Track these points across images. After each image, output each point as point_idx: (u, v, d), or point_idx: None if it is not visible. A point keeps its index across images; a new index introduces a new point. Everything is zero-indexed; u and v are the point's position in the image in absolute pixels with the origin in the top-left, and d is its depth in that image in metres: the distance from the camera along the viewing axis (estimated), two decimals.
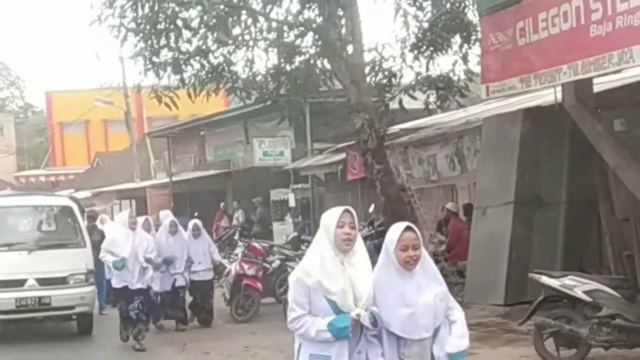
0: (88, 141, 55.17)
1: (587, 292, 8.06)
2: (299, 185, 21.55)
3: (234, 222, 24.09)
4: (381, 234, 12.92)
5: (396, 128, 15.79)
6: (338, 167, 18.44)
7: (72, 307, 11.84)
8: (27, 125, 67.67)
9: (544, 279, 8.34)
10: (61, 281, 11.78)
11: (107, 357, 10.89)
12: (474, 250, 12.14)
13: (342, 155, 18.23)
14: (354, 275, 4.57)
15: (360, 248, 4.72)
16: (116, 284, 10.92)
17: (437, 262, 12.76)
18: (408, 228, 4.61)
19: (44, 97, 57.76)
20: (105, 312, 13.98)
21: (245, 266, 12.58)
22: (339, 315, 4.49)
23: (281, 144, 21.14)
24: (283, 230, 21.00)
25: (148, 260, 10.85)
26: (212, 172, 26.51)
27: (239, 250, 13.89)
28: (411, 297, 4.52)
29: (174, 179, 28.70)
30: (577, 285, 8.12)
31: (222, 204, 25.57)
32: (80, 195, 32.37)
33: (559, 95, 11.41)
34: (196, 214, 25.47)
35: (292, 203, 21.27)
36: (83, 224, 13.07)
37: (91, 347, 11.61)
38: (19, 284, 11.55)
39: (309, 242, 14.70)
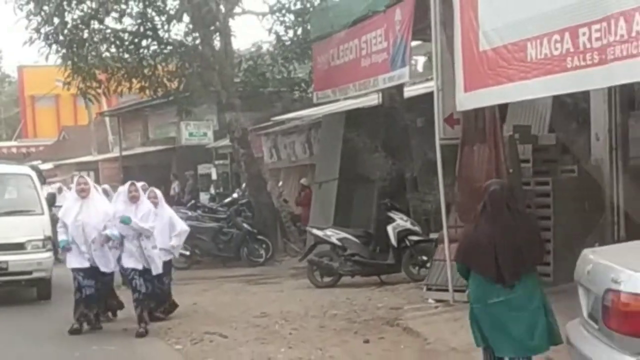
0: (58, 115, 58.59)
1: (339, 239, 12.23)
2: (220, 161, 25.59)
3: (172, 192, 28.06)
4: (248, 205, 16.99)
5: (282, 117, 19.89)
6: None
7: (29, 273, 11.91)
8: (3, 95, 70.53)
9: (314, 231, 12.52)
10: (19, 247, 11.85)
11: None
12: (313, 214, 16.27)
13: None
14: None
15: None
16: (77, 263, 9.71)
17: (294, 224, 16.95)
18: None
19: (17, 71, 60.98)
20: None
21: None
22: None
23: (205, 126, 25.13)
24: (207, 199, 25.06)
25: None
26: (159, 147, 30.41)
27: None
28: None
29: (126, 153, 32.58)
30: (333, 235, 12.29)
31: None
32: (45, 166, 36.17)
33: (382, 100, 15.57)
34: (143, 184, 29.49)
35: (214, 176, 25.33)
36: (42, 192, 13.22)
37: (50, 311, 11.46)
38: None
39: (205, 207, 18.74)
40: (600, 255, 4.94)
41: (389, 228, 11.93)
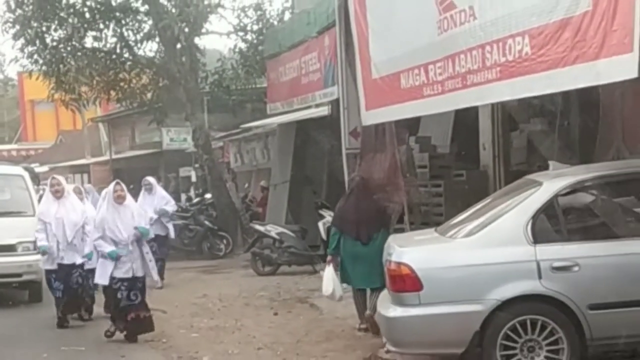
0: (57, 119, 60.50)
1: (277, 233, 14.16)
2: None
3: None
4: (211, 205, 18.88)
5: (250, 125, 21.79)
6: (219, 152, 24.46)
7: (19, 275, 11.82)
8: (6, 98, 72.37)
9: (257, 226, 14.46)
10: (9, 249, 11.75)
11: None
12: (269, 213, 18.19)
13: (221, 143, 24.29)
14: None
15: None
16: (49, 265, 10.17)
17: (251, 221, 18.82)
18: None
19: (17, 77, 62.91)
20: None
21: None
22: None
23: (185, 132, 27.00)
24: (185, 199, 26.99)
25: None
26: (148, 151, 32.40)
27: None
28: None
29: (116, 156, 34.55)
30: (273, 230, 14.24)
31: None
32: (42, 169, 38.14)
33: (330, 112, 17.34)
34: (132, 186, 31.44)
35: (193, 179, 27.26)
36: (34, 193, 13.06)
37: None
38: None
39: (178, 208, 20.64)
40: (393, 238, 6.86)
41: (320, 224, 13.76)
